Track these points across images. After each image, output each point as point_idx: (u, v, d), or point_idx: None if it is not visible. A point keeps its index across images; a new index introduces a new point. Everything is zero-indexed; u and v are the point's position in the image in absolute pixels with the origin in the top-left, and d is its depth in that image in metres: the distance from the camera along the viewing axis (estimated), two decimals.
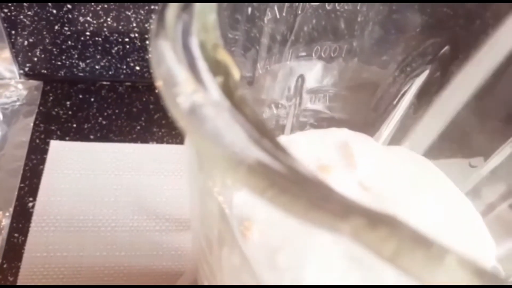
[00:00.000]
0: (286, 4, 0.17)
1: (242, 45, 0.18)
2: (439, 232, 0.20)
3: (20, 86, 0.42)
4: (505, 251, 0.18)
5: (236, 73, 0.09)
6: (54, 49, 0.42)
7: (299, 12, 0.18)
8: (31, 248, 0.33)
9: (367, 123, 0.22)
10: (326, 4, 0.18)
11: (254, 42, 0.18)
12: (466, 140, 0.23)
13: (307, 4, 0.18)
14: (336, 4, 0.19)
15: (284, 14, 0.18)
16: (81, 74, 0.44)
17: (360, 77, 0.22)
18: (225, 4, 0.14)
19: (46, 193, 0.36)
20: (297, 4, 0.18)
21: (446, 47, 0.20)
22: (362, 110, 0.22)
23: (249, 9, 0.17)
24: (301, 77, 0.20)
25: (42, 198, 0.35)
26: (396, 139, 0.22)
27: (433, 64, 0.21)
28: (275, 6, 0.17)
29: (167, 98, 0.09)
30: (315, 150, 0.20)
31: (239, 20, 0.16)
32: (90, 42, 0.42)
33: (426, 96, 0.21)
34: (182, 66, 0.09)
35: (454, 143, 0.22)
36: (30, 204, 0.35)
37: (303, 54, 0.19)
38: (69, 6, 0.39)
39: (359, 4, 0.19)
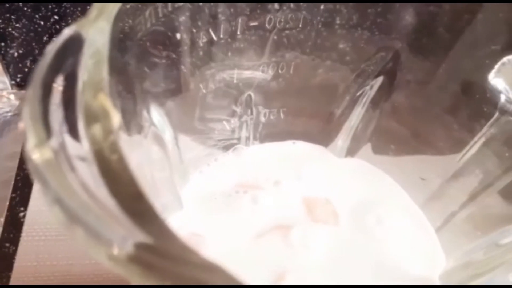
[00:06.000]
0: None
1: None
2: (391, 246, 0.20)
3: (12, 96, 0.43)
4: (452, 264, 0.18)
5: (114, 117, 0.09)
6: None
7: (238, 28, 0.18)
8: (21, 258, 0.33)
9: (323, 135, 0.22)
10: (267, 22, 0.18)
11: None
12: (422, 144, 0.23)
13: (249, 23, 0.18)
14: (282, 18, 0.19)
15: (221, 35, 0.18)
16: None
17: (310, 92, 0.22)
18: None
19: (37, 203, 0.36)
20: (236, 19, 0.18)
21: (390, 63, 0.20)
22: (317, 122, 0.22)
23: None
24: (249, 96, 0.20)
25: (33, 208, 0.36)
26: (351, 150, 0.22)
27: (382, 76, 0.21)
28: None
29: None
30: (268, 164, 0.20)
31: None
32: None
33: (378, 103, 0.21)
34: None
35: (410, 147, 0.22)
36: (21, 214, 0.36)
37: (248, 72, 0.20)
38: (56, 17, 0.39)
39: (308, 18, 0.19)
